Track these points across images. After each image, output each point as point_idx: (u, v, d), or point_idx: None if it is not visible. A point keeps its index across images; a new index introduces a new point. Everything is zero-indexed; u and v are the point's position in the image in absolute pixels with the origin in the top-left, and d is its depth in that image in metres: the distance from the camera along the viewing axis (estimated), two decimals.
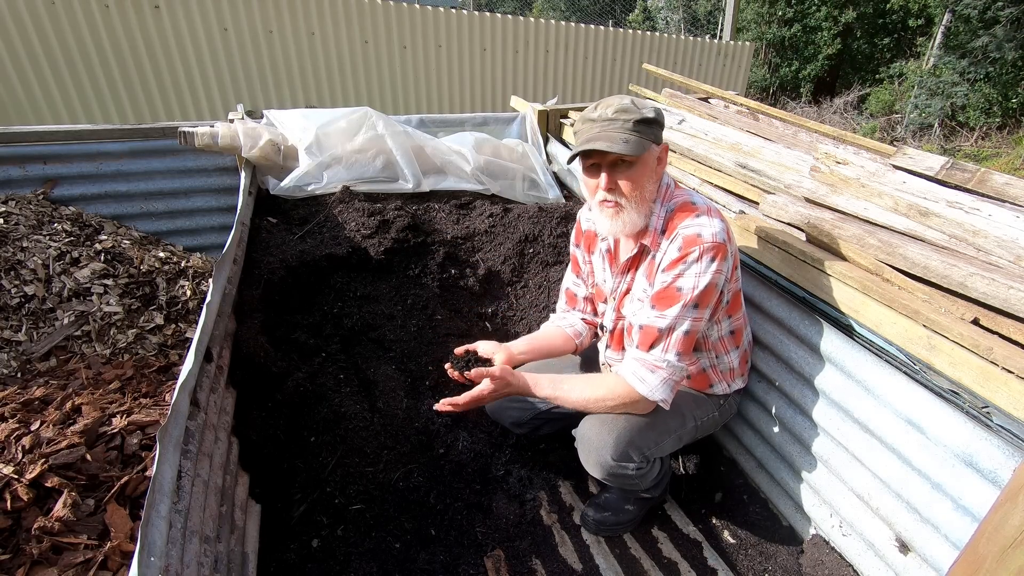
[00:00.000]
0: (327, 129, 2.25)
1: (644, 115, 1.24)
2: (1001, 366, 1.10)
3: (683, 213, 1.29)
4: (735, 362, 1.52)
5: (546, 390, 1.38)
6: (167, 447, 0.97)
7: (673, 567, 1.53)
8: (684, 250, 1.25)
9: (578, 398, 1.36)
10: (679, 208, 1.31)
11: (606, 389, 1.34)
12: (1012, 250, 1.27)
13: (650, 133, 1.25)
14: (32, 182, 2.16)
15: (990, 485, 1.10)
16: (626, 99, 1.26)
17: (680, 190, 1.38)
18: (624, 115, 1.23)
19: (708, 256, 1.24)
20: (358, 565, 1.40)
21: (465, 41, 5.35)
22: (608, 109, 1.25)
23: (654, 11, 13.80)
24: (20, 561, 0.98)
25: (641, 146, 1.23)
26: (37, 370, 1.69)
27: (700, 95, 2.99)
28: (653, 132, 1.26)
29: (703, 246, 1.23)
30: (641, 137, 1.23)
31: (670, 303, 1.26)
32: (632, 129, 1.23)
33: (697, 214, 1.28)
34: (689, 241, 1.24)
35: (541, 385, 1.38)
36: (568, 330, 1.64)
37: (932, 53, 10.30)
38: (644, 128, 1.24)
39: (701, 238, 1.24)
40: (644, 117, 1.24)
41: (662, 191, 1.34)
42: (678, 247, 1.26)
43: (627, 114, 1.23)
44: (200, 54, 4.40)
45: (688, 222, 1.27)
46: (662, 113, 1.28)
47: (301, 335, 1.78)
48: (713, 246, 1.23)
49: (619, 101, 1.26)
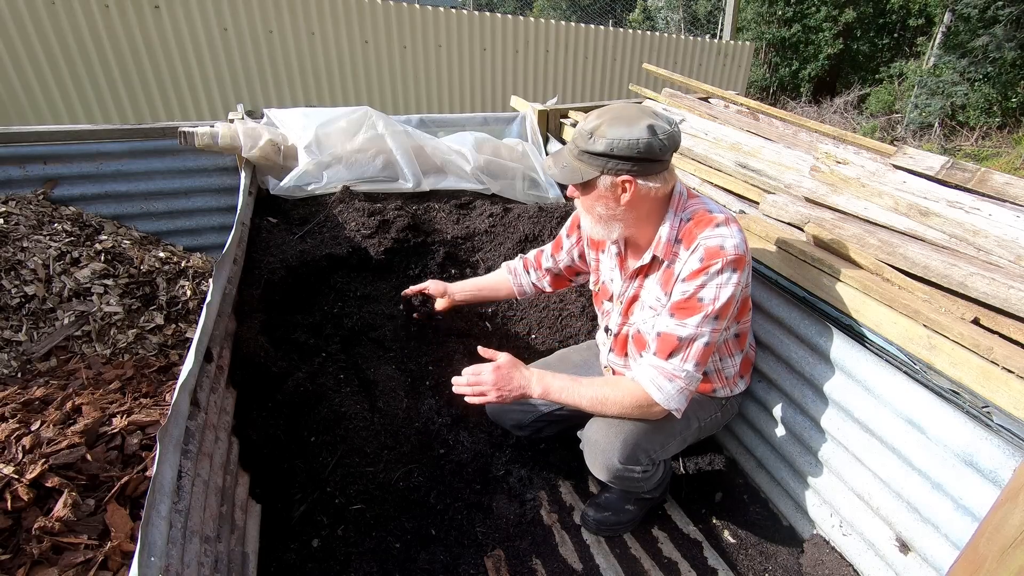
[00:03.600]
0: (327, 128, 2.25)
1: (590, 147, 1.21)
2: (1001, 366, 1.10)
3: (703, 223, 1.27)
4: (738, 365, 1.52)
5: (557, 384, 1.36)
6: (167, 447, 0.97)
7: (673, 567, 1.53)
8: (707, 261, 1.23)
9: (592, 396, 1.34)
10: (697, 218, 1.29)
11: (622, 392, 1.33)
12: (1012, 250, 1.27)
13: (594, 162, 1.22)
14: (32, 182, 2.16)
15: (990, 485, 1.10)
16: (595, 121, 1.22)
17: (695, 198, 1.35)
18: (578, 140, 1.25)
19: (730, 268, 1.22)
20: (358, 565, 1.40)
21: (465, 41, 5.35)
22: (577, 128, 1.27)
23: (654, 11, 13.79)
24: (20, 561, 0.98)
25: (576, 174, 1.24)
26: (37, 370, 1.69)
27: (700, 95, 2.99)
28: (601, 162, 1.21)
29: (726, 258, 1.22)
30: (584, 165, 1.24)
31: (691, 313, 1.25)
32: (577, 156, 1.25)
33: (716, 224, 1.26)
34: (712, 253, 1.23)
35: (552, 383, 1.37)
36: (515, 287, 1.78)
37: (932, 53, 10.30)
38: (588, 158, 1.23)
39: (724, 250, 1.22)
40: (589, 149, 1.22)
41: (674, 201, 1.32)
42: (699, 258, 1.24)
43: (580, 140, 1.24)
44: (200, 54, 4.40)
45: (709, 233, 1.25)
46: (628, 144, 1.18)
47: (301, 335, 1.78)
48: (735, 258, 1.22)
49: (587, 123, 1.24)
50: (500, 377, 1.36)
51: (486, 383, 1.36)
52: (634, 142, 1.18)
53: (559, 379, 1.38)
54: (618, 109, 1.24)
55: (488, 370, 1.37)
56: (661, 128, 1.20)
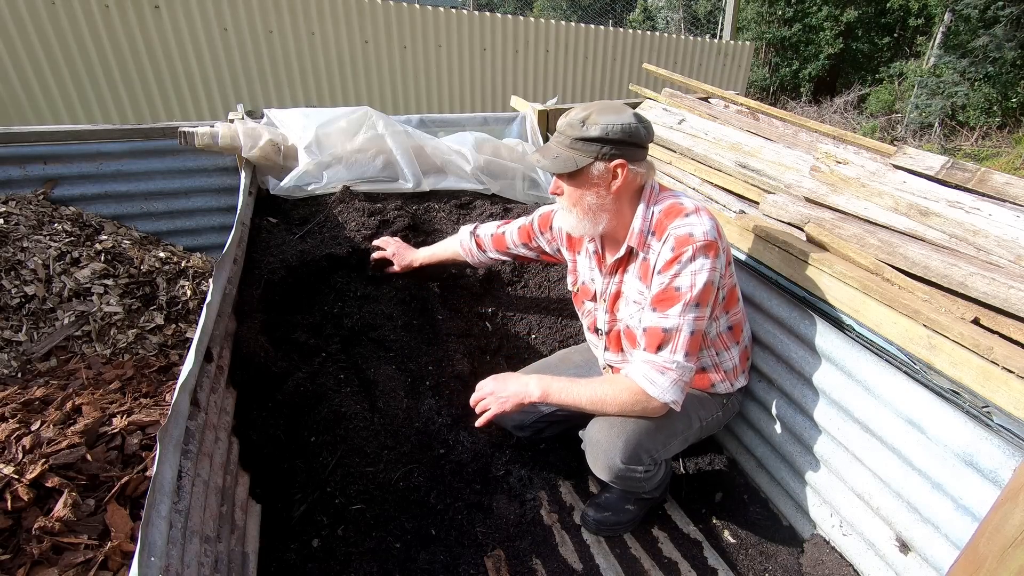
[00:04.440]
0: (327, 128, 2.25)
1: (585, 133, 1.24)
2: (1001, 365, 1.10)
3: (672, 214, 1.30)
4: (736, 359, 1.52)
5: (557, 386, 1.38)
6: (167, 447, 0.97)
7: (673, 567, 1.53)
8: (677, 250, 1.25)
9: (591, 396, 1.36)
10: (668, 210, 1.32)
11: (619, 389, 1.34)
12: (1012, 249, 1.27)
13: (588, 149, 1.25)
14: (32, 182, 2.16)
15: (990, 484, 1.10)
16: (583, 112, 1.27)
17: (667, 191, 1.39)
18: (568, 130, 1.27)
19: (702, 254, 1.25)
20: (358, 565, 1.40)
21: (465, 41, 5.34)
22: (564, 120, 1.29)
23: (654, 11, 13.79)
24: (20, 561, 0.98)
25: (570, 163, 1.26)
26: (37, 370, 1.69)
27: (700, 95, 2.99)
28: (595, 148, 1.25)
29: (695, 245, 1.24)
30: (577, 153, 1.26)
31: (671, 303, 1.27)
32: (569, 145, 1.27)
33: (686, 214, 1.29)
34: (681, 241, 1.25)
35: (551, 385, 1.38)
36: (472, 261, 1.87)
37: (932, 53, 10.30)
38: (582, 144, 1.25)
39: (693, 237, 1.25)
40: (583, 136, 1.24)
41: (646, 194, 1.35)
42: (671, 247, 1.27)
43: (571, 129, 1.27)
44: (200, 54, 4.39)
45: (679, 222, 1.28)
46: (620, 128, 1.24)
47: (301, 335, 1.78)
48: (705, 244, 1.25)
49: (575, 114, 1.28)
50: (497, 384, 1.42)
51: (486, 392, 1.42)
52: (627, 126, 1.24)
53: (558, 381, 1.39)
54: (600, 102, 1.30)
55: (487, 380, 1.43)
56: (642, 117, 1.29)
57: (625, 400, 1.33)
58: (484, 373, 1.97)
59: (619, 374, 1.41)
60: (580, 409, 1.38)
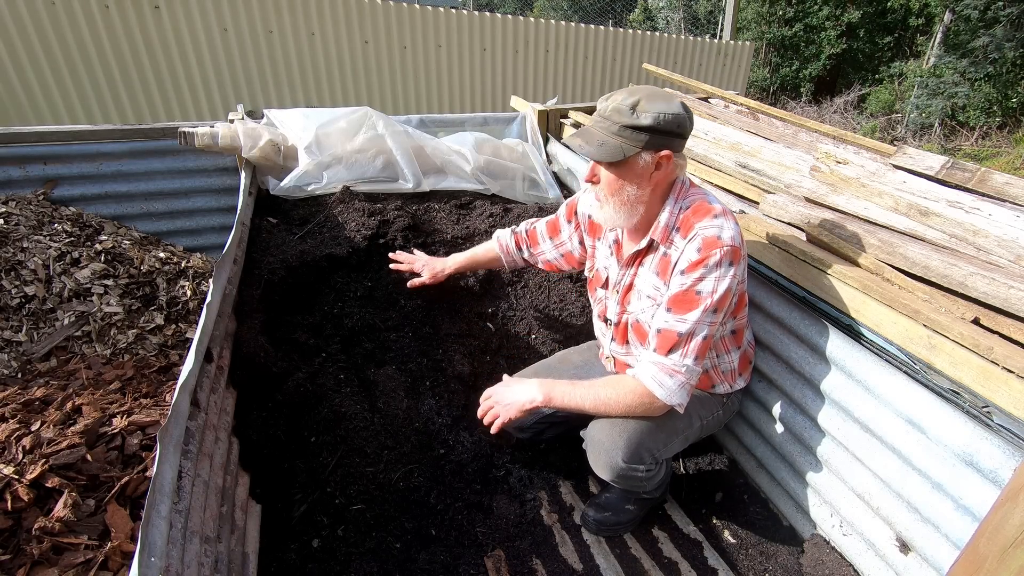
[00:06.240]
0: (327, 129, 2.25)
1: (636, 121, 1.18)
2: (1001, 365, 1.10)
3: (701, 213, 1.27)
4: (735, 362, 1.52)
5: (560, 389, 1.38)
6: (167, 447, 0.97)
7: (673, 567, 1.53)
8: (704, 252, 1.22)
9: (595, 398, 1.35)
10: (696, 207, 1.29)
11: (624, 391, 1.33)
12: (1012, 249, 1.27)
13: (638, 138, 1.19)
14: (32, 182, 2.16)
15: (990, 484, 1.10)
16: (631, 98, 1.20)
17: (696, 188, 1.35)
18: (616, 116, 1.20)
19: (727, 260, 1.22)
20: (358, 565, 1.40)
21: (465, 41, 5.35)
22: (609, 105, 1.23)
23: (654, 11, 13.79)
24: (21, 561, 0.98)
25: (617, 152, 1.20)
26: (37, 370, 1.69)
27: (700, 95, 2.99)
28: (644, 138, 1.19)
29: (723, 249, 1.21)
30: (625, 142, 1.20)
31: (690, 307, 1.24)
32: (616, 132, 1.20)
33: (715, 215, 1.26)
34: (709, 243, 1.22)
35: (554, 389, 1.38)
36: (507, 262, 1.81)
37: (932, 53, 10.30)
38: (631, 133, 1.19)
39: (721, 240, 1.21)
40: (634, 124, 1.18)
41: (676, 188, 1.32)
42: (697, 247, 1.23)
43: (618, 116, 1.20)
44: (200, 54, 4.40)
45: (707, 222, 1.24)
46: (672, 118, 1.19)
47: (301, 335, 1.78)
48: (732, 249, 1.22)
49: (622, 99, 1.21)
50: (500, 390, 1.42)
51: (491, 399, 1.42)
52: (678, 116, 1.20)
53: (561, 384, 1.39)
54: (644, 87, 1.24)
55: (491, 389, 1.44)
56: (687, 106, 1.24)
57: (630, 402, 1.32)
58: (484, 373, 1.98)
59: (623, 375, 1.40)
60: (583, 411, 1.38)
